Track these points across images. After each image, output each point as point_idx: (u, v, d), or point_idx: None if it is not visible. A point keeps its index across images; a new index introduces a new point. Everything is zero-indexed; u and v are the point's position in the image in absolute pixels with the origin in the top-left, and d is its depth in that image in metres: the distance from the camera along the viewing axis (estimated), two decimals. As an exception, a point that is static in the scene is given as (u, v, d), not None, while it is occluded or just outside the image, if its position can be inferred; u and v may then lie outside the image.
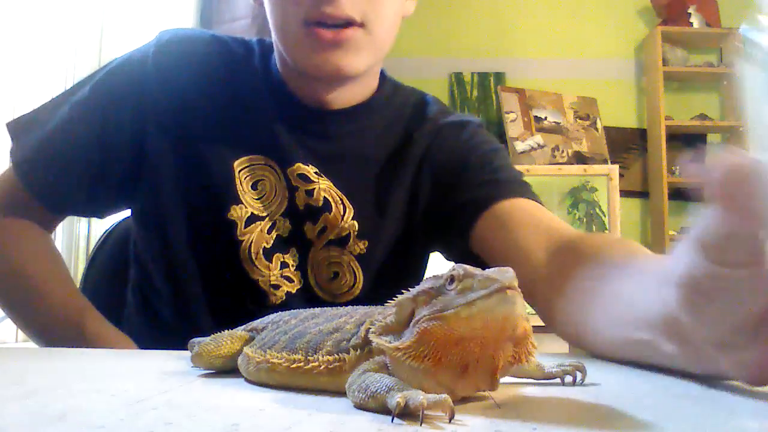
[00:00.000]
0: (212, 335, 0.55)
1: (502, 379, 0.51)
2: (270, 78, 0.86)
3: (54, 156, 0.82)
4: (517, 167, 0.95)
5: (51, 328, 0.82)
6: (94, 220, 1.96)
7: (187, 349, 0.58)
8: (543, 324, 0.73)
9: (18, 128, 0.84)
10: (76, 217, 1.99)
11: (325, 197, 0.83)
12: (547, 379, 0.50)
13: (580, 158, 3.51)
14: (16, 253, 0.84)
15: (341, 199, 0.84)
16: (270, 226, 0.82)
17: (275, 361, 0.46)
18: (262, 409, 0.39)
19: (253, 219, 0.81)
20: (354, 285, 0.84)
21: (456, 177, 0.86)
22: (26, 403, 0.39)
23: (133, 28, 2.27)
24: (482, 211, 0.80)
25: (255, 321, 0.57)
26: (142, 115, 0.82)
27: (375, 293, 0.84)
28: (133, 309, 0.91)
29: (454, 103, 3.76)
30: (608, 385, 0.50)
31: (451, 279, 0.38)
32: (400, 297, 0.41)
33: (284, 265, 0.82)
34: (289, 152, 0.83)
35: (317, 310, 0.51)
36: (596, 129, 3.68)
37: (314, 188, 0.83)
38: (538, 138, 3.53)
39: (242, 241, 0.80)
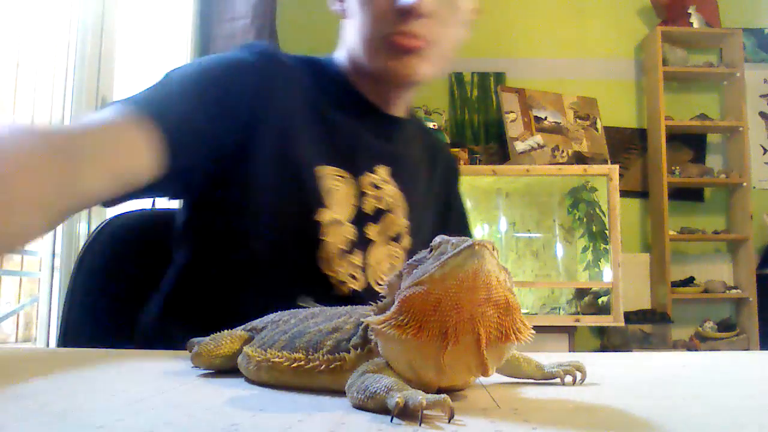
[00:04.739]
0: (212, 335, 0.55)
1: (502, 379, 0.51)
2: (346, 87, 0.95)
3: (182, 107, 0.79)
4: (517, 167, 1.07)
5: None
6: (93, 220, 1.96)
7: (187, 349, 0.58)
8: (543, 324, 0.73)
9: (125, 99, 0.78)
10: (75, 218, 1.99)
11: (391, 201, 0.94)
12: (547, 379, 0.50)
13: (580, 158, 3.51)
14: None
15: (401, 201, 0.95)
16: (344, 230, 0.89)
17: (276, 360, 0.46)
18: (262, 409, 0.39)
19: (334, 223, 0.87)
20: None
21: (450, 188, 1.12)
22: (26, 403, 0.39)
23: (133, 27, 2.27)
24: None
25: (254, 321, 0.57)
26: (253, 112, 0.85)
27: None
28: (173, 299, 0.90)
29: (454, 103, 3.76)
30: (608, 385, 0.50)
31: (431, 249, 0.39)
32: (388, 277, 0.42)
33: (352, 265, 0.88)
34: (363, 160, 0.93)
35: (316, 309, 0.52)
36: (596, 129, 3.68)
37: (382, 195, 0.93)
38: (538, 138, 3.53)
39: (323, 240, 0.86)
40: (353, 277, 0.89)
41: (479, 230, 3.24)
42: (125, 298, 1.01)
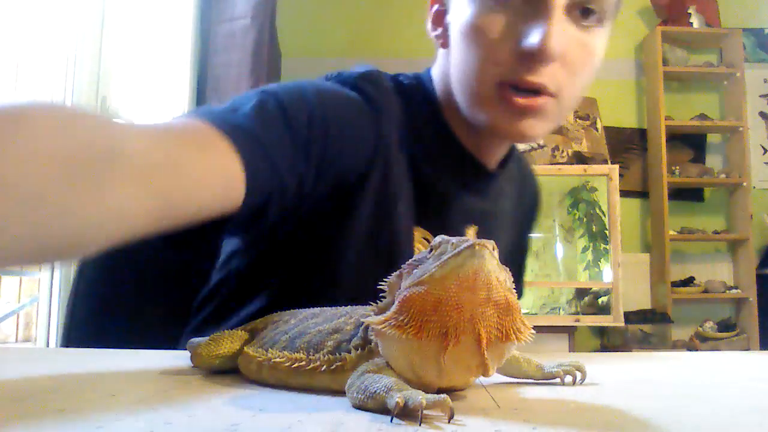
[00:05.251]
0: (212, 335, 0.55)
1: (502, 379, 0.51)
2: (441, 130, 0.81)
3: (279, 143, 0.64)
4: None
5: None
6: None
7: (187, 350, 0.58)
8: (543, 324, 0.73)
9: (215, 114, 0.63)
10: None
11: None
12: (547, 379, 0.50)
13: (580, 158, 3.50)
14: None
15: None
16: None
17: (277, 360, 0.46)
18: (262, 409, 0.39)
19: None
20: None
21: (525, 229, 1.03)
22: (26, 403, 0.39)
23: (133, 27, 2.27)
24: None
25: (254, 321, 0.57)
26: (361, 163, 0.74)
27: None
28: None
29: (454, 103, 3.76)
30: (608, 385, 0.50)
31: (431, 249, 0.39)
32: (389, 277, 0.42)
33: None
34: (453, 222, 0.81)
35: (316, 310, 0.52)
36: (596, 129, 3.68)
37: None
38: (538, 138, 3.53)
39: None
40: None
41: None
42: (127, 298, 1.01)
